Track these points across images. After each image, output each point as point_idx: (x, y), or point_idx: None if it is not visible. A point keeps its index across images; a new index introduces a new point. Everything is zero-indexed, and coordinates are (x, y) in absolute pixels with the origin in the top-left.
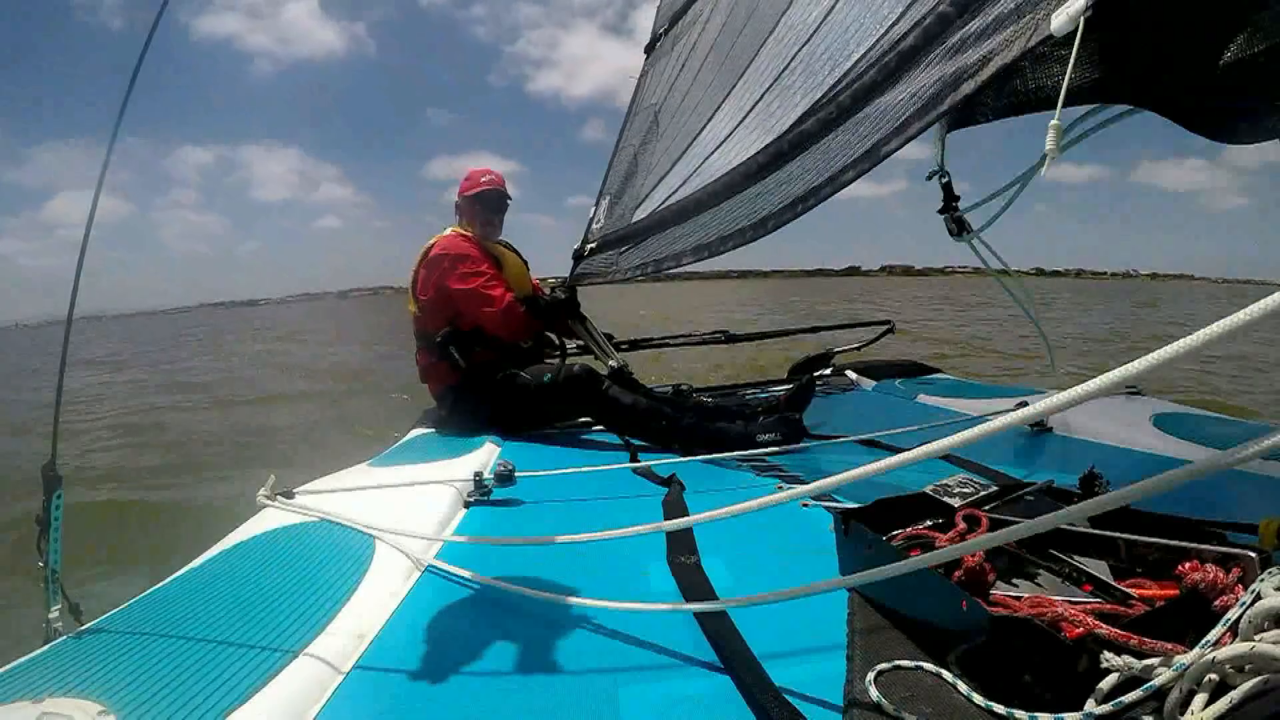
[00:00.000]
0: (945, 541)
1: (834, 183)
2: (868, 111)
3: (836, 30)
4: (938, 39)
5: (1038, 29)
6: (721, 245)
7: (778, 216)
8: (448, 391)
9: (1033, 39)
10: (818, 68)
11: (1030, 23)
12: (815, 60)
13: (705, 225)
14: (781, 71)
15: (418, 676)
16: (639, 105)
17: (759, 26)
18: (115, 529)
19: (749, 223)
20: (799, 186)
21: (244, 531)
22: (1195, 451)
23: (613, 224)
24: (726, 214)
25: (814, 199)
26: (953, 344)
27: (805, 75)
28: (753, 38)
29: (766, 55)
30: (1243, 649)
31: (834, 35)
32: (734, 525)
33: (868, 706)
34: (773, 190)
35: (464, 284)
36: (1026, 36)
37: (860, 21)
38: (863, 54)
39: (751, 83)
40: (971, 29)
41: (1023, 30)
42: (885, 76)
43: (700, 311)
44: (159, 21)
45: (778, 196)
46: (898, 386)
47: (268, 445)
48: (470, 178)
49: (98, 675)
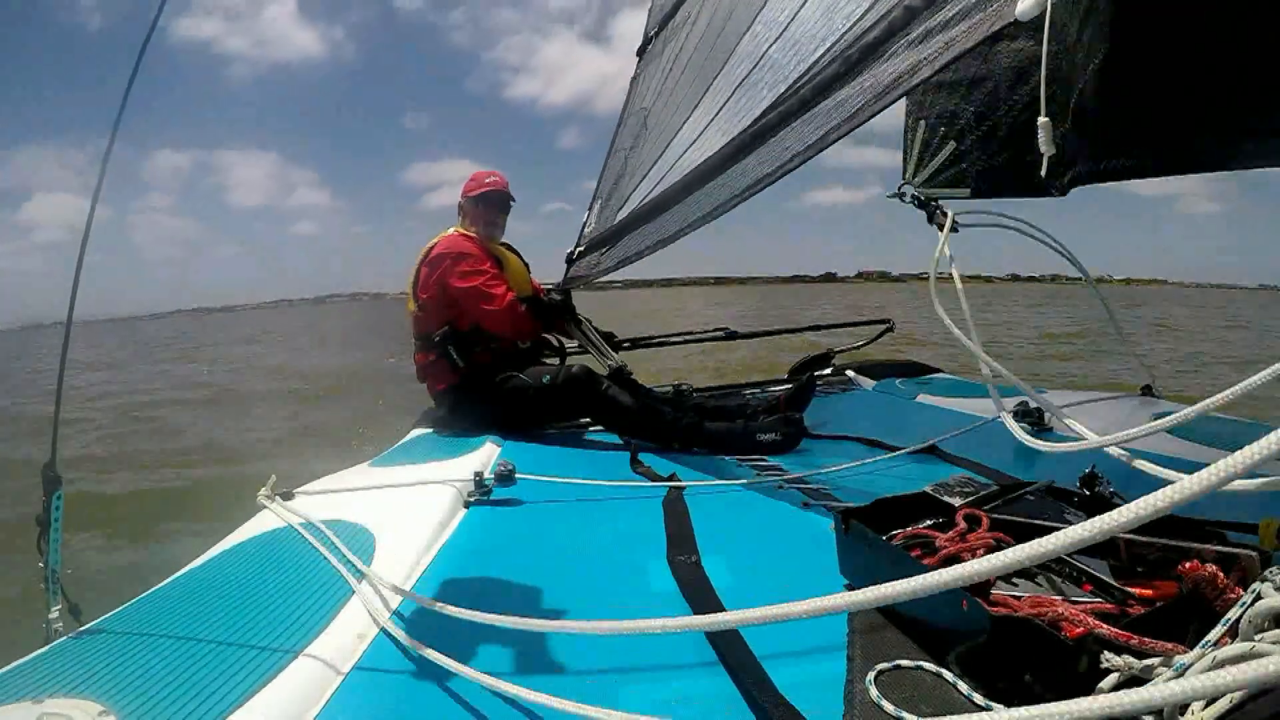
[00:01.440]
0: (945, 541)
1: (784, 168)
2: (825, 104)
3: (805, 26)
4: (901, 31)
5: (1002, 15)
6: (678, 235)
7: (726, 205)
8: (447, 391)
9: (996, 24)
10: (784, 63)
11: (995, 10)
12: (783, 57)
13: (667, 222)
14: (751, 69)
15: (418, 676)
16: (631, 109)
17: (736, 27)
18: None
19: (701, 213)
20: (751, 177)
21: (244, 532)
22: (1196, 451)
23: (600, 227)
24: (690, 207)
25: (763, 184)
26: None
27: (772, 71)
28: (729, 38)
29: (740, 54)
30: (1243, 649)
31: (802, 32)
32: (734, 524)
33: (868, 706)
34: (731, 180)
35: (465, 282)
36: (990, 23)
37: (828, 18)
38: (827, 49)
39: (725, 81)
40: (936, 20)
41: (988, 18)
42: (847, 69)
43: (672, 315)
44: (156, 23)
45: (732, 186)
46: (898, 386)
47: (254, 448)
48: (474, 178)
49: (98, 675)
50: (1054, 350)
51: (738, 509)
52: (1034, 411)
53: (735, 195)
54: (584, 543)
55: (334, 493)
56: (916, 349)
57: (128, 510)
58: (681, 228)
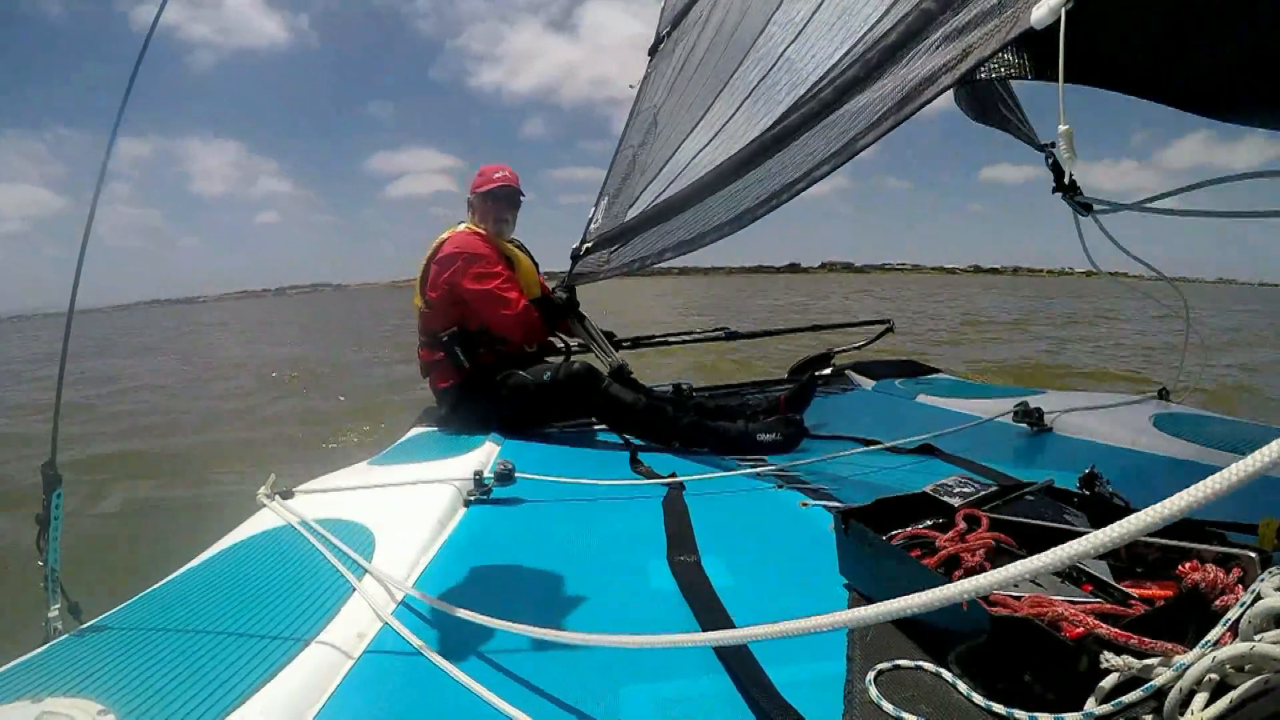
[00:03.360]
0: (945, 541)
1: (809, 177)
2: (847, 108)
3: (822, 29)
4: (919, 35)
5: (1018, 22)
6: (701, 240)
7: (753, 211)
8: (450, 390)
9: (1013, 31)
10: (801, 65)
11: (1011, 16)
12: (801, 58)
13: (688, 222)
14: (769, 70)
15: (418, 675)
16: (640, 106)
17: (751, 27)
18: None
19: (726, 218)
20: (776, 182)
21: (243, 530)
22: (1196, 452)
23: (608, 224)
24: (708, 210)
25: (789, 193)
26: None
27: (790, 73)
28: (744, 38)
29: (755, 55)
30: (1243, 649)
31: (819, 34)
32: (734, 524)
33: (868, 706)
34: (752, 185)
35: (479, 284)
36: (1006, 29)
37: (845, 20)
38: (846, 51)
39: (740, 82)
40: (953, 24)
41: (1004, 24)
42: (867, 72)
43: (642, 309)
44: (158, 19)
45: (755, 191)
46: (898, 386)
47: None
48: (482, 173)
49: (97, 674)
50: (966, 338)
51: (738, 508)
52: (1034, 412)
53: (762, 201)
54: (584, 542)
55: (333, 491)
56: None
57: (126, 510)
58: (704, 231)
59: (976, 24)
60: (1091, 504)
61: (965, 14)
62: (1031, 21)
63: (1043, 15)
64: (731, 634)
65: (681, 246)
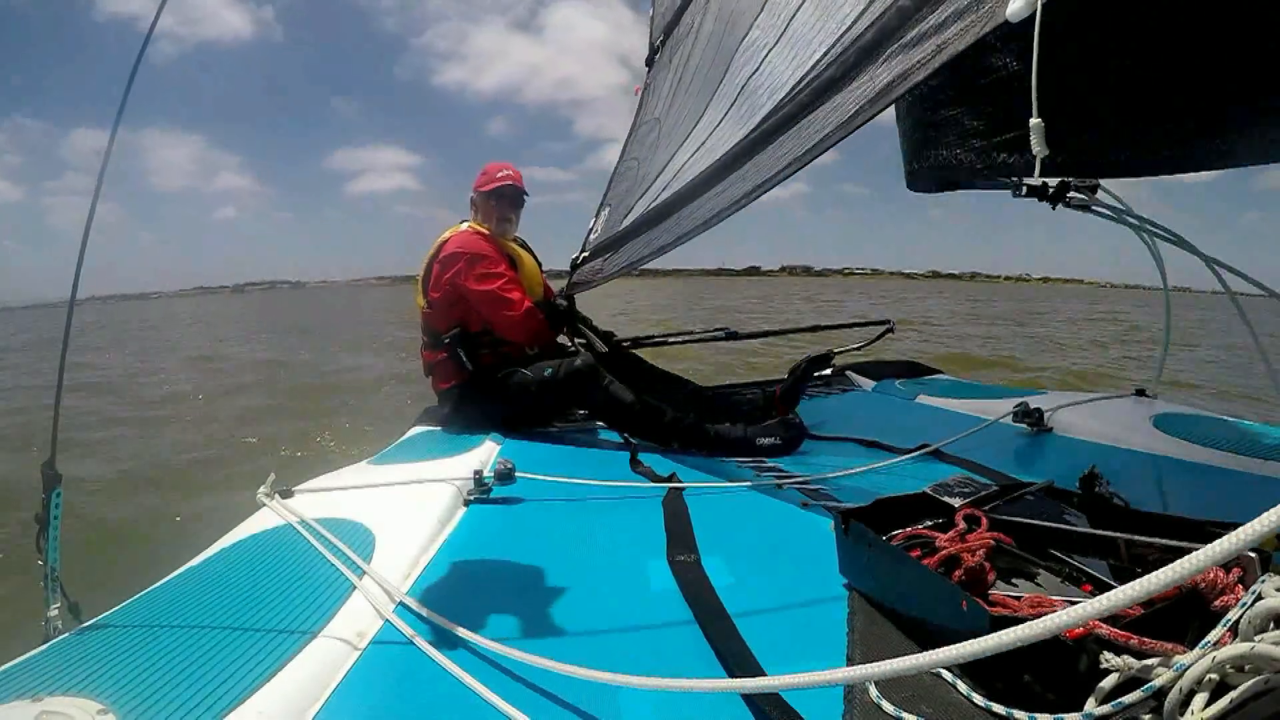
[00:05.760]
0: (945, 542)
1: (779, 176)
2: (824, 108)
3: (801, 31)
4: (895, 34)
5: (993, 16)
6: (678, 242)
7: (725, 211)
8: (452, 390)
9: (988, 25)
10: (782, 69)
11: (987, 12)
12: (781, 62)
13: (669, 227)
14: (753, 74)
15: (418, 674)
16: (642, 118)
17: (736, 33)
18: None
19: (702, 220)
20: (749, 183)
21: (243, 530)
22: (1196, 452)
23: (606, 233)
24: (690, 213)
25: (759, 192)
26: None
27: (771, 77)
28: (730, 45)
29: (740, 60)
30: (1243, 649)
31: (798, 36)
32: (734, 524)
33: (867, 706)
34: (729, 188)
35: (482, 285)
36: (981, 24)
37: (823, 21)
38: (824, 53)
39: (728, 88)
40: (930, 21)
41: (980, 19)
42: (844, 72)
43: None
44: (156, 22)
45: (730, 194)
46: (897, 387)
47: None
48: (486, 172)
49: (97, 673)
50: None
51: (737, 509)
52: (1034, 412)
53: (734, 202)
54: (584, 542)
55: (333, 490)
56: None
57: (123, 509)
58: (681, 234)
59: (953, 20)
60: (1091, 504)
61: (941, 11)
62: (1007, 14)
63: (1018, 8)
64: (763, 682)
65: (664, 249)
